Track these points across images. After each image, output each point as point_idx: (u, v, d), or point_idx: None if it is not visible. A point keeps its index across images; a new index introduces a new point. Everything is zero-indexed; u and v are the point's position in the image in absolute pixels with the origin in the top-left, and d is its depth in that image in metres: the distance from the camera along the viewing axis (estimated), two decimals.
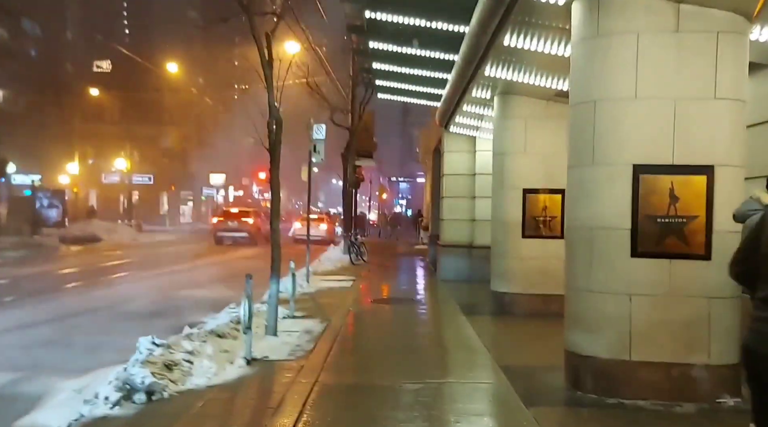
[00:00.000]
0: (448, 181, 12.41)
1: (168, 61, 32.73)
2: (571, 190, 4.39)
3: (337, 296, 9.48)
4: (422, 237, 24.51)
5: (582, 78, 4.20)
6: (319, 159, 10.62)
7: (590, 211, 4.13)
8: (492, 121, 10.02)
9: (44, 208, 24.47)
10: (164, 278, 12.18)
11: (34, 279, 11.72)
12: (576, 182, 4.29)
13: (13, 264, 14.71)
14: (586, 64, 4.15)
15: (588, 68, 4.13)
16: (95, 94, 41.21)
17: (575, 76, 4.29)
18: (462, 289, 10.92)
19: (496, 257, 8.35)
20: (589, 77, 4.11)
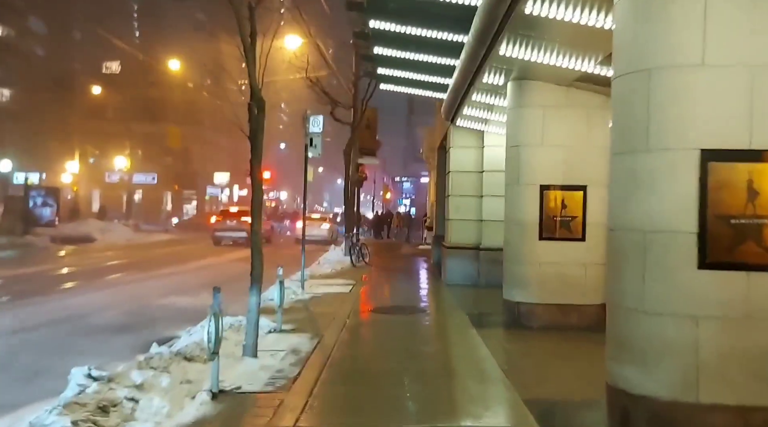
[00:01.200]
0: (454, 178, 11.52)
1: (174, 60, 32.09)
2: (616, 184, 3.50)
3: (333, 304, 8.61)
4: (426, 237, 23.64)
5: (632, 41, 3.30)
6: (316, 153, 9.76)
7: (642, 209, 3.24)
8: (503, 111, 9.14)
9: (37, 207, 23.71)
10: (147, 284, 11.35)
11: (3, 284, 10.91)
12: (623, 173, 3.40)
13: None
14: (638, 23, 3.25)
15: (640, 28, 3.23)
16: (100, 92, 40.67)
17: (622, 39, 3.40)
18: (469, 295, 10.05)
19: (509, 262, 7.46)
20: (641, 40, 3.22)
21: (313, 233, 26.00)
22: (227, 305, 7.86)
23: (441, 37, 7.15)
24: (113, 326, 7.46)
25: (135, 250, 19.32)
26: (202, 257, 17.11)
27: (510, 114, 7.35)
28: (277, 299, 6.63)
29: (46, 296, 9.35)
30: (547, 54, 5.80)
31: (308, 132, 9.73)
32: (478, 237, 11.32)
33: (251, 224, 5.48)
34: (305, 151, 9.79)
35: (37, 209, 23.67)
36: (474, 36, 6.05)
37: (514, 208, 7.31)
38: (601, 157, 6.97)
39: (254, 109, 5.34)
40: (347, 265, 14.81)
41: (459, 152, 11.48)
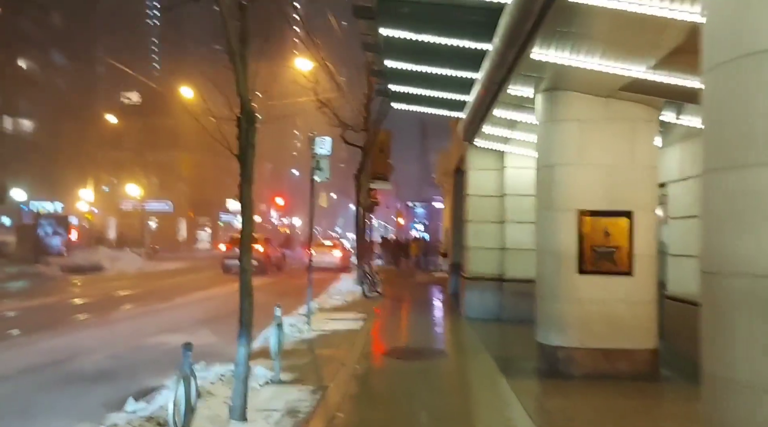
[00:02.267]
0: (473, 203, 10.63)
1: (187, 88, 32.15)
2: (711, 211, 2.58)
3: (341, 345, 7.66)
4: (441, 264, 22.59)
5: (737, 17, 2.43)
6: (323, 177, 8.96)
7: (761, 246, 2.31)
8: (528, 128, 8.30)
9: (48, 235, 23.30)
10: (143, 320, 10.51)
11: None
12: (723, 195, 2.49)
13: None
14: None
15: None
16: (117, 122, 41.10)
17: (720, 16, 2.53)
18: (493, 333, 9.04)
19: (543, 299, 6.48)
20: (756, 11, 2.34)
21: (324, 260, 25.18)
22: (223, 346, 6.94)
23: (460, 45, 6.37)
24: (93, 373, 6.61)
25: (143, 280, 18.62)
26: (208, 287, 16.31)
27: (541, 130, 6.49)
28: (274, 345, 5.71)
29: (31, 337, 8.55)
30: (589, 56, 4.96)
31: (315, 154, 8.96)
32: (501, 267, 10.36)
33: (240, 258, 4.62)
34: (311, 174, 9.01)
35: (48, 238, 23.24)
36: (502, 38, 5.24)
37: (547, 237, 6.37)
38: (647, 178, 6.07)
39: (244, 124, 4.55)
40: (358, 295, 13.87)
41: (478, 175, 10.62)
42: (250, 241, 4.66)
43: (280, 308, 5.84)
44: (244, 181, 4.54)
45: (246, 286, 4.61)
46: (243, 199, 4.57)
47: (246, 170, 4.57)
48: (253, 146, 4.59)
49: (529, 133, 8.51)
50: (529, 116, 7.48)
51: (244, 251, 4.63)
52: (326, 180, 9.00)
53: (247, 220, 4.59)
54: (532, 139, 8.73)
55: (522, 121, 7.80)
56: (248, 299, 4.59)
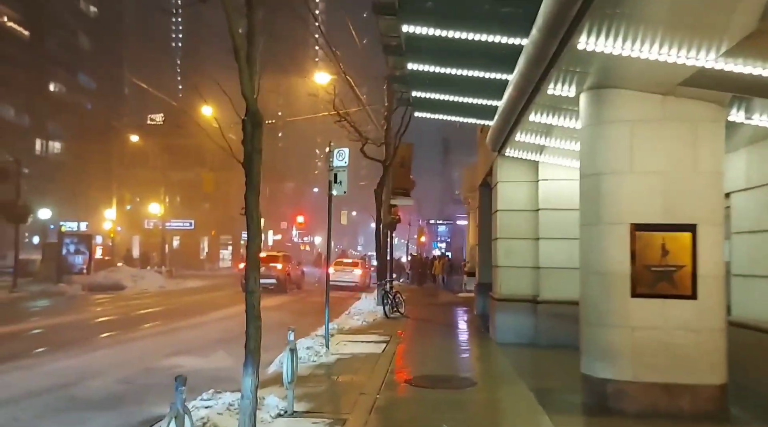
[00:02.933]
0: (503, 218, 9.92)
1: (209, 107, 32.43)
2: None
3: (362, 371, 6.99)
4: (465, 284, 21.67)
5: None
6: (341, 191, 8.40)
7: None
8: (565, 135, 7.63)
9: (70, 254, 23.30)
10: (157, 340, 10.03)
11: (7, 340, 9.79)
12: None
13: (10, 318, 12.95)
14: None
15: None
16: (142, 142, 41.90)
17: None
18: (528, 359, 8.25)
19: (588, 325, 5.72)
20: None
21: (343, 278, 24.55)
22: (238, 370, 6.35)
23: (491, 40, 5.79)
24: (99, 398, 6.12)
25: (163, 298, 18.28)
26: (227, 305, 15.82)
27: (585, 134, 5.81)
28: (288, 373, 5.08)
29: (43, 358, 8.13)
30: (645, 44, 4.30)
31: (332, 166, 8.42)
32: (535, 287, 9.57)
33: (245, 277, 4.03)
34: (329, 188, 8.46)
35: (71, 257, 23.24)
36: (542, 27, 4.63)
37: (593, 255, 5.63)
38: (713, 187, 5.31)
39: (248, 127, 4.01)
40: (380, 316, 13.19)
41: (508, 188, 9.92)
42: (257, 258, 4.08)
43: (293, 331, 5.22)
44: (250, 191, 3.99)
45: (253, 308, 4.02)
46: (248, 210, 4.02)
47: (252, 178, 4.03)
48: (259, 151, 4.05)
49: (567, 140, 7.83)
50: (568, 120, 6.81)
51: (250, 269, 4.05)
52: (344, 194, 8.44)
53: (253, 234, 4.02)
54: (570, 147, 8.05)
55: (559, 127, 7.12)
56: (255, 322, 3.99)
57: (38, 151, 45.51)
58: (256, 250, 4.05)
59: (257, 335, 3.98)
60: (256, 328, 3.97)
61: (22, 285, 21.33)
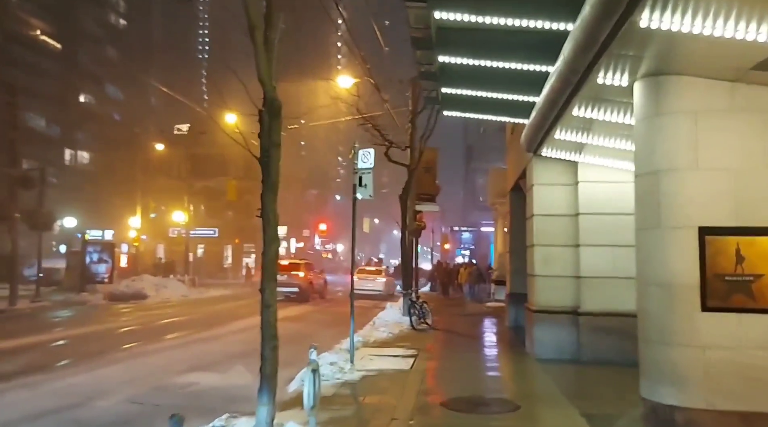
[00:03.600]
0: (539, 224, 9.25)
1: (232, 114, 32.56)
2: None
3: (390, 391, 6.42)
4: (494, 293, 20.82)
5: None
6: (366, 195, 7.89)
7: None
8: (610, 131, 6.97)
9: (93, 263, 23.33)
10: (174, 353, 9.62)
11: (19, 353, 9.52)
12: None
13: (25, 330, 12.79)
14: None
15: None
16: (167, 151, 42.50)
17: None
18: (572, 377, 7.55)
19: (648, 343, 5.03)
20: None
21: (367, 287, 23.96)
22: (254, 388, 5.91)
23: (533, 26, 5.22)
24: (103, 423, 5.68)
25: (185, 308, 18.03)
26: (248, 315, 15.40)
27: (641, 128, 5.16)
28: (309, 397, 4.54)
29: (49, 375, 7.77)
30: (719, 17, 3.67)
31: (356, 169, 7.91)
32: (575, 298, 8.87)
33: (261, 289, 3.53)
34: (353, 191, 7.95)
35: (93, 265, 23.26)
36: (596, 2, 4.04)
37: (653, 263, 4.96)
38: None
39: (265, 117, 3.52)
40: (406, 327, 12.59)
41: (544, 191, 9.26)
42: (274, 267, 3.58)
43: (315, 349, 4.68)
44: (267, 190, 3.49)
45: (269, 326, 3.51)
46: (264, 212, 3.51)
47: (269, 175, 3.53)
48: (277, 145, 3.56)
49: (612, 136, 7.16)
50: (615, 114, 6.16)
51: (266, 279, 3.54)
52: (369, 198, 7.92)
53: (270, 239, 3.52)
54: (614, 145, 7.37)
55: (604, 122, 6.46)
56: (271, 342, 3.49)
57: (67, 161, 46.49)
58: (272, 257, 3.54)
59: (274, 357, 3.47)
60: (272, 349, 3.45)
61: (46, 294, 21.41)
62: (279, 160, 3.56)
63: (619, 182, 8.75)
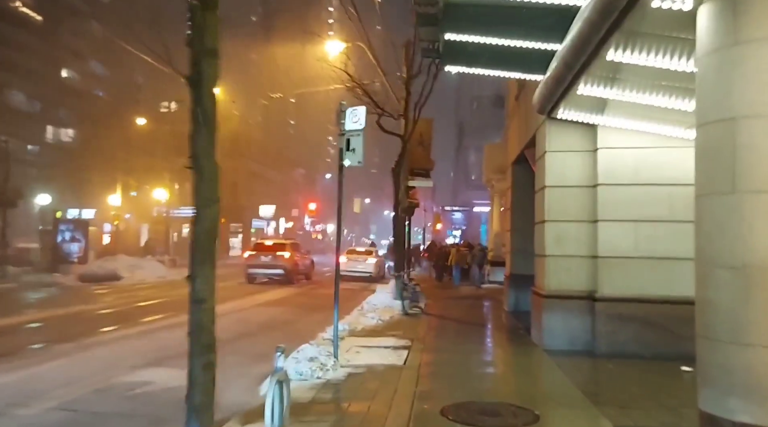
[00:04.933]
0: (552, 196, 8.11)
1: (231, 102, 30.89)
2: None
3: (381, 393, 5.31)
4: (488, 274, 19.73)
5: None
6: (355, 161, 6.67)
7: None
8: (642, 83, 5.79)
9: (66, 242, 21.92)
10: (134, 343, 8.43)
11: None
12: None
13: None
14: None
15: None
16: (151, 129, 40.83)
17: None
18: (592, 374, 6.51)
19: (713, 343, 3.92)
20: None
21: (356, 268, 22.84)
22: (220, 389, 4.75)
23: None
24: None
25: (159, 290, 16.77)
26: (225, 299, 14.16)
27: (711, 63, 3.96)
28: (274, 417, 3.37)
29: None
30: None
31: (344, 130, 6.67)
32: (591, 281, 7.80)
33: (190, 277, 2.32)
34: (340, 157, 6.71)
35: (66, 244, 21.87)
36: None
37: (723, 240, 3.83)
38: None
39: (197, 11, 2.28)
40: (397, 312, 11.51)
41: (558, 159, 8.10)
42: (211, 241, 2.37)
43: (282, 352, 3.49)
44: (200, 126, 2.33)
45: (201, 331, 2.32)
46: (196, 158, 2.31)
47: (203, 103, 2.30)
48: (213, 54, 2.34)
49: (649, 89, 5.99)
50: (662, 55, 4.97)
51: (198, 261, 2.33)
52: (359, 164, 6.70)
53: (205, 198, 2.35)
54: (650, 101, 6.21)
55: (645, 68, 5.28)
56: (203, 357, 2.33)
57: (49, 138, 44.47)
58: (209, 226, 2.37)
59: (207, 379, 2.31)
60: (205, 367, 2.29)
61: (17, 275, 20.10)
62: (216, 77, 2.35)
63: (647, 148, 7.63)
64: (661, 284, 7.48)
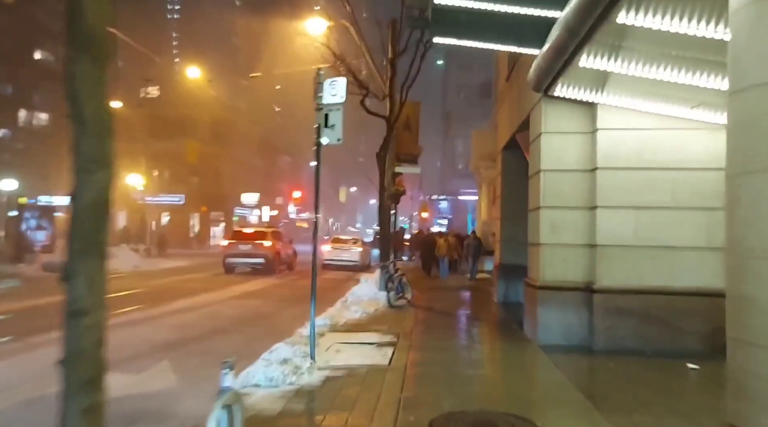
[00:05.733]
0: (548, 181, 7.52)
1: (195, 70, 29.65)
2: None
3: (362, 402, 4.70)
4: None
5: None
6: (334, 138, 5.98)
7: None
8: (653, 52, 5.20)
9: (31, 230, 20.86)
10: None
11: None
12: None
13: None
14: None
15: None
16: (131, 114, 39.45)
17: None
18: (593, 375, 5.99)
19: (750, 348, 3.34)
20: None
21: (342, 257, 22.17)
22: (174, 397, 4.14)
23: None
24: None
25: (130, 281, 15.89)
26: (199, 291, 13.50)
27: (746, 16, 3.34)
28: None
29: None
30: None
31: (321, 104, 5.97)
32: (589, 271, 7.26)
33: (63, 275, 1.64)
34: (317, 134, 6.02)
35: (31, 232, 20.82)
36: None
37: (761, 225, 3.24)
38: None
39: None
40: (382, 304, 10.92)
41: (555, 141, 7.50)
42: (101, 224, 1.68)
43: (230, 367, 2.79)
44: (77, 44, 1.57)
45: (79, 359, 1.82)
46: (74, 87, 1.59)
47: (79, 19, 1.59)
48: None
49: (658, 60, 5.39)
50: (678, 18, 4.36)
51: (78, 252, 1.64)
52: (338, 142, 6.02)
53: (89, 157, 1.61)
54: (653, 75, 5.62)
55: (659, 34, 4.67)
56: (80, 400, 1.76)
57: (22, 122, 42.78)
58: (95, 199, 1.65)
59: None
60: (85, 414, 1.63)
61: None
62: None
63: (650, 129, 7.07)
64: (662, 274, 6.99)
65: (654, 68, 5.59)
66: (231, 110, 49.64)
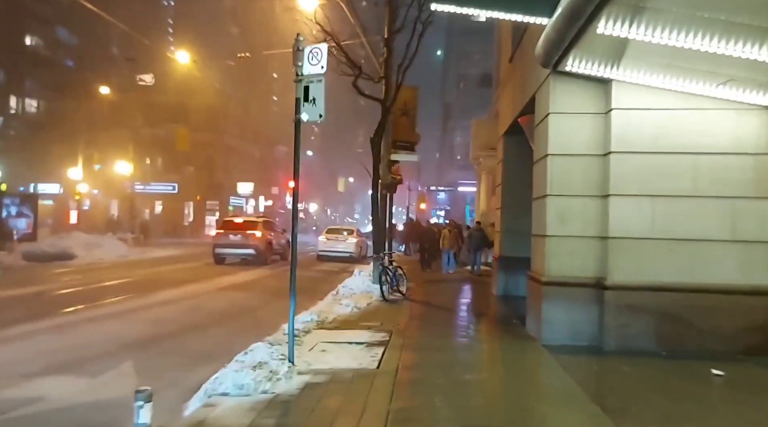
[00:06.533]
0: (555, 167, 6.86)
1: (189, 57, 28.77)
2: None
3: (342, 414, 4.08)
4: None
5: None
6: (315, 115, 5.31)
7: None
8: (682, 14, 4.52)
9: (12, 217, 20.14)
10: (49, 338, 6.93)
11: None
12: None
13: None
14: None
15: None
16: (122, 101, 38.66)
17: None
18: (608, 381, 5.39)
19: None
20: None
21: (336, 248, 21.52)
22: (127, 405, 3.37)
23: None
24: None
25: (114, 271, 15.24)
26: (184, 282, 12.83)
27: None
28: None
29: None
30: None
31: (301, 75, 5.28)
32: (599, 266, 6.63)
33: None
34: (296, 109, 5.33)
35: (12, 220, 20.12)
36: None
37: None
38: None
39: None
40: (376, 298, 10.31)
41: (564, 123, 6.82)
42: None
43: (146, 400, 2.12)
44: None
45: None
46: None
47: None
48: None
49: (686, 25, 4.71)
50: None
51: None
52: (319, 119, 5.34)
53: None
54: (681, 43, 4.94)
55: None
56: None
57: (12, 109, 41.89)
58: None
59: None
60: None
61: None
62: None
63: (669, 109, 6.41)
64: (681, 269, 6.37)
65: (682, 35, 4.91)
66: (226, 98, 48.80)
